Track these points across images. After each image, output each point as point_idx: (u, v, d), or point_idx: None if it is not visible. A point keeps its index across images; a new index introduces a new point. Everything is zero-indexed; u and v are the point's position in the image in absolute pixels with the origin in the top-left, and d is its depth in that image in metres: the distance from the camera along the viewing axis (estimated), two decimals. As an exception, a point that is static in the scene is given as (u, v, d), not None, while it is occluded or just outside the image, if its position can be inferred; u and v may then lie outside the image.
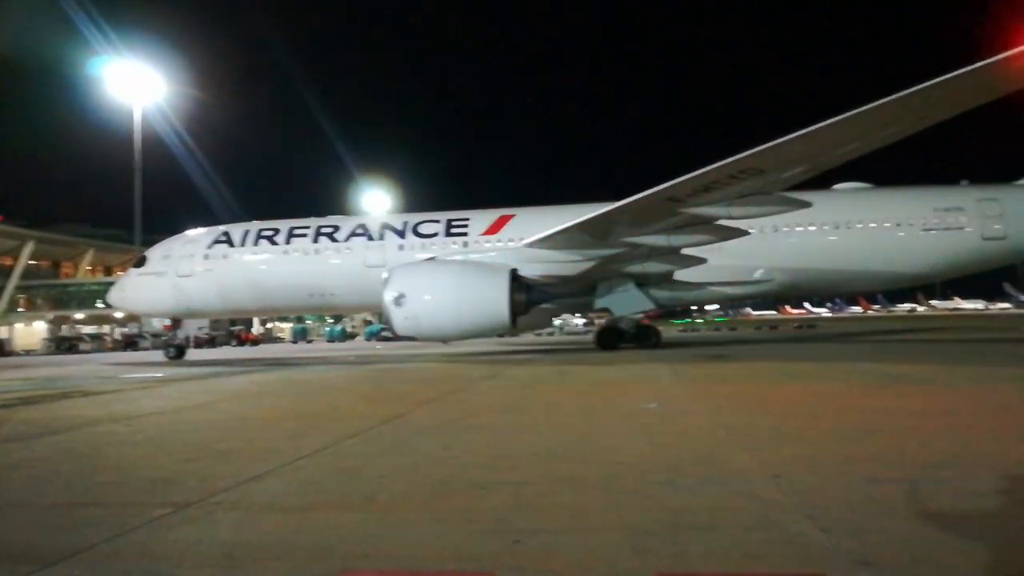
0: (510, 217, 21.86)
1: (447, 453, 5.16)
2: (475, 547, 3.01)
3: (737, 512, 3.38)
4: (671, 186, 16.08)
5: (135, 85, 41.13)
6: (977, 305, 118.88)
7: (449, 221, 22.54)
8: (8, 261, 55.68)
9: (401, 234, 22.41)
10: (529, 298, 18.80)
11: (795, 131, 14.20)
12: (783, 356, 15.51)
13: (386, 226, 22.86)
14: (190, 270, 22.81)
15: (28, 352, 47.98)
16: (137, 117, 41.21)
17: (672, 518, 3.30)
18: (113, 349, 50.32)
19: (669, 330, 47.77)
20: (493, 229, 21.68)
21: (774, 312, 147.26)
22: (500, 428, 6.39)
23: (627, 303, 20.14)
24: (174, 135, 47.40)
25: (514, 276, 18.35)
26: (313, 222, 23.50)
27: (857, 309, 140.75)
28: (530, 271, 19.00)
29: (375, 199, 58.81)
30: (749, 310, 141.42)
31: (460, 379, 12.13)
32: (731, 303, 36.31)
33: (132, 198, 41.65)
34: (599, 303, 20.56)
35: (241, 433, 6.60)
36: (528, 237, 19.37)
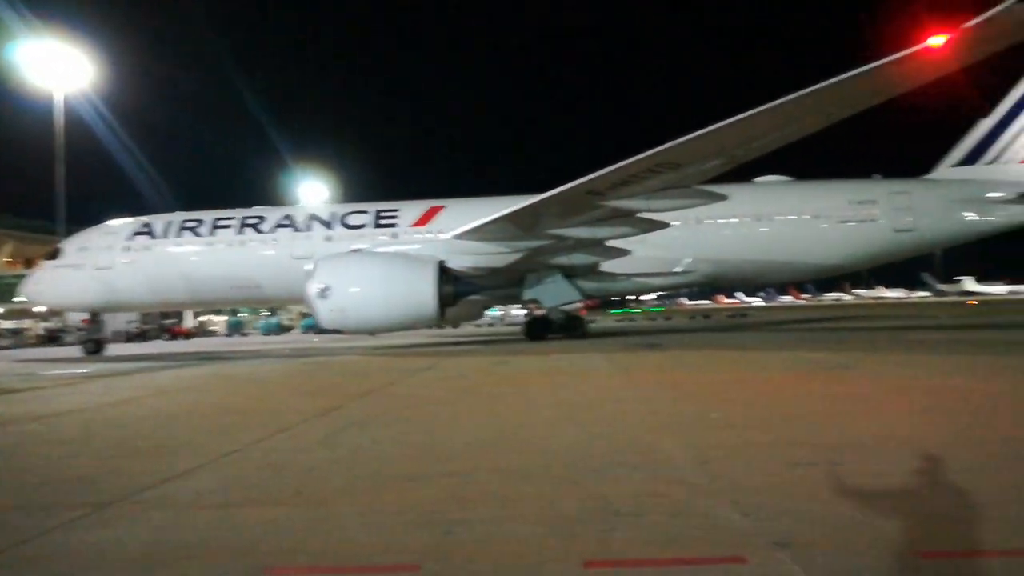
0: (440, 208, 21.75)
1: (379, 446, 5.12)
2: (404, 540, 2.99)
3: (664, 498, 3.45)
4: (591, 180, 16.34)
5: (57, 68, 39.33)
6: (899, 294, 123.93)
7: (378, 212, 22.30)
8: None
9: (328, 225, 22.11)
10: (457, 290, 18.72)
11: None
12: (713, 344, 15.88)
13: (313, 217, 22.54)
14: (110, 262, 22.04)
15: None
16: (59, 101, 39.44)
17: (601, 505, 3.35)
18: (36, 345, 48.18)
19: (606, 320, 48.36)
20: (423, 220, 21.60)
21: (708, 302, 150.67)
22: (434, 419, 6.37)
23: (555, 294, 20.35)
24: (101, 122, 45.57)
25: (442, 268, 18.25)
26: (238, 213, 22.88)
27: (788, 298, 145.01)
28: (458, 263, 18.98)
29: (312, 189, 57.75)
30: (684, 300, 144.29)
31: (397, 371, 12.04)
32: (658, 293, 37.05)
33: (54, 187, 39.86)
34: (527, 294, 20.75)
35: (168, 430, 6.41)
36: (458, 229, 19.39)
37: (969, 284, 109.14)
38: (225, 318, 66.07)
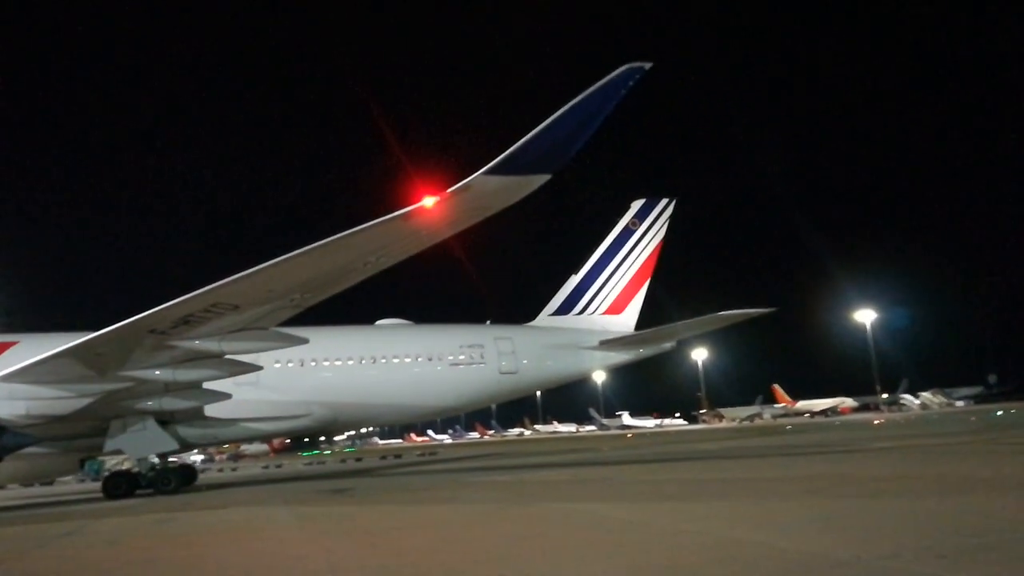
0: (11, 345, 19.14)
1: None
2: None
3: None
4: (147, 317, 15.12)
5: None
6: (571, 428, 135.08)
7: None
8: None
9: None
10: (3, 443, 15.96)
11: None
12: (404, 488, 15.53)
13: None
14: None
15: None
16: None
17: None
18: None
19: (295, 463, 45.61)
20: None
21: (400, 440, 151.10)
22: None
23: (143, 444, 18.02)
24: None
25: None
26: None
27: (474, 435, 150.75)
28: (8, 410, 16.11)
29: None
30: (377, 439, 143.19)
31: (28, 539, 9.86)
32: (265, 438, 35.88)
33: None
34: (110, 444, 18.26)
35: None
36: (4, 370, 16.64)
37: (626, 418, 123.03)
38: None
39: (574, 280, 26.39)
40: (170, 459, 19.41)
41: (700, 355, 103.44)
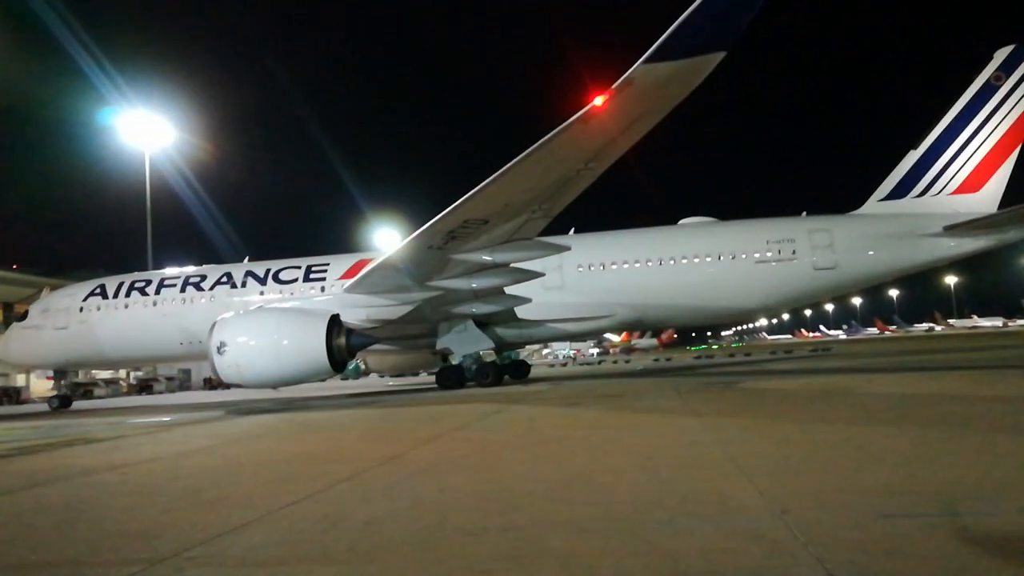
0: (368, 261, 21.69)
1: (440, 496, 4.95)
2: (453, 603, 2.79)
3: (740, 555, 3.16)
4: (421, 234, 16.61)
5: (145, 134, 42.03)
6: (996, 323, 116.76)
7: (309, 267, 23.18)
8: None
9: (262, 281, 23.10)
10: (351, 343, 18.74)
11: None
12: (792, 385, 15.06)
13: (249, 273, 23.55)
14: (66, 322, 23.52)
15: (45, 399, 47.93)
16: (147, 164, 41.92)
17: (670, 564, 3.09)
18: (128, 394, 50.40)
19: (683, 356, 47.34)
20: (351, 274, 21.59)
21: (789, 336, 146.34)
22: (499, 467, 6.16)
23: (465, 342, 20.22)
24: (184, 181, 48.22)
25: (335, 321, 18.34)
26: (183, 272, 24.43)
27: (873, 330, 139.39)
28: (353, 316, 19.02)
29: (386, 236, 59.05)
30: (764, 335, 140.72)
31: (467, 415, 11.89)
32: (572, 338, 36.85)
33: (144, 244, 42.18)
34: (440, 343, 20.66)
35: (234, 479, 6.41)
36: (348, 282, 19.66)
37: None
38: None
39: (913, 156, 21.98)
40: (504, 355, 22.39)
41: None
